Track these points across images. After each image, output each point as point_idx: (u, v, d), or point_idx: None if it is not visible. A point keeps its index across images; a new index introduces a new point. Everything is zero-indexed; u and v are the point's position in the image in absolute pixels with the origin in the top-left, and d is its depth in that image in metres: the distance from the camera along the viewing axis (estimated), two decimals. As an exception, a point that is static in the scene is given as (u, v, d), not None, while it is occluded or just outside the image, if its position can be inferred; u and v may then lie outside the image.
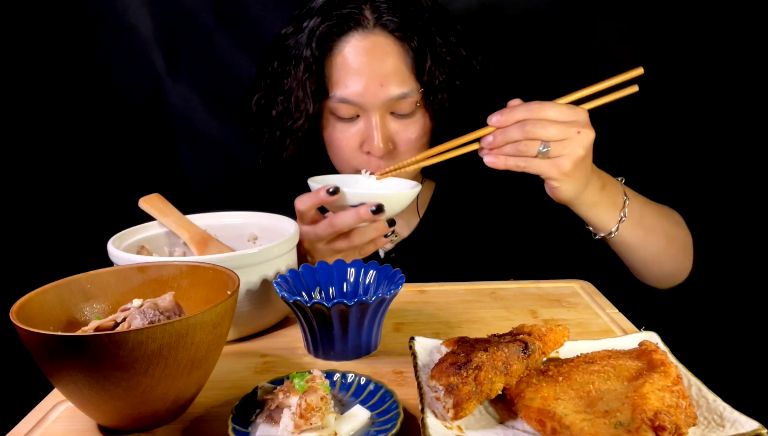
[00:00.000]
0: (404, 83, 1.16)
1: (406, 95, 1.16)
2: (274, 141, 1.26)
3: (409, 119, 1.19)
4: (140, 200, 1.07)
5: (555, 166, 0.98)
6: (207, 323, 0.65)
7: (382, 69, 1.14)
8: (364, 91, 1.14)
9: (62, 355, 0.61)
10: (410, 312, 1.00)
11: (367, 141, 1.18)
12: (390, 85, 1.14)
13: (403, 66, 1.16)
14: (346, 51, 1.15)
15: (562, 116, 0.96)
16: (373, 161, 1.19)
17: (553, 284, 1.10)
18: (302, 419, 0.63)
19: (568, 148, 0.97)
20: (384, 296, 0.81)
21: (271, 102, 1.24)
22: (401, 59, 1.16)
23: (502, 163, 1.00)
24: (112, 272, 0.79)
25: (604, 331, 0.92)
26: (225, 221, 1.09)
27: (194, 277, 0.79)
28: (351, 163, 1.22)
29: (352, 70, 1.15)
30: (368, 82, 1.14)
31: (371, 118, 1.16)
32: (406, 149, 1.20)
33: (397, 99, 1.15)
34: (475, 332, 0.85)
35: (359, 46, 1.15)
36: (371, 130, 1.16)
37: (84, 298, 0.76)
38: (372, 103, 1.15)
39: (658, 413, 0.58)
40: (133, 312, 0.71)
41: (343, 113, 1.18)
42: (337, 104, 1.17)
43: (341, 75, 1.16)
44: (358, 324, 0.82)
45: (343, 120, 1.19)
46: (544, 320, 0.96)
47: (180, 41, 1.51)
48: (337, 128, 1.21)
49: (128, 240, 0.98)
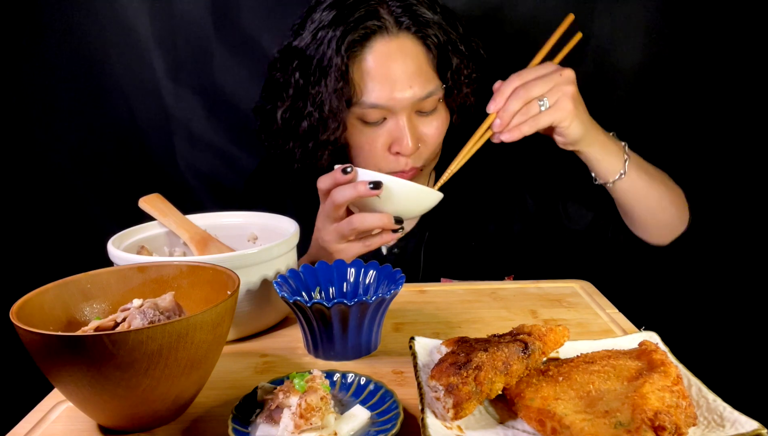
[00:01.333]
0: (429, 82, 1.18)
1: (432, 93, 1.18)
2: (307, 154, 1.24)
3: (432, 116, 1.22)
4: (140, 200, 1.07)
5: (558, 109, 1.07)
6: (207, 323, 0.65)
7: (408, 71, 1.16)
8: (393, 95, 1.15)
9: (62, 355, 0.61)
10: (410, 312, 1.00)
11: (397, 142, 1.19)
12: (416, 86, 1.16)
13: (426, 65, 1.18)
14: (372, 56, 1.16)
15: (540, 72, 1.08)
16: (401, 161, 1.21)
17: (553, 284, 1.10)
18: (302, 419, 0.63)
19: (560, 91, 1.07)
20: (384, 296, 0.80)
21: (299, 114, 1.21)
22: (424, 58, 1.18)
23: (518, 134, 1.08)
24: (112, 272, 0.79)
25: (604, 331, 0.92)
26: (225, 221, 1.09)
27: (194, 277, 0.79)
28: (380, 165, 1.22)
29: (381, 75, 1.15)
30: (397, 85, 1.15)
31: (400, 120, 1.17)
32: (430, 145, 1.23)
33: (423, 99, 1.17)
34: (475, 332, 0.85)
35: (384, 51, 1.16)
36: (401, 132, 1.18)
37: (84, 298, 0.76)
38: (401, 105, 1.16)
39: (658, 413, 0.58)
40: (133, 312, 0.71)
41: (372, 118, 1.18)
42: (366, 110, 1.17)
43: (369, 80, 1.16)
44: (358, 324, 0.82)
45: (371, 124, 1.19)
46: (544, 320, 0.96)
47: (178, 44, 1.51)
48: (364, 133, 1.21)
49: (128, 240, 0.98)
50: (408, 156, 1.20)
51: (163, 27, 1.50)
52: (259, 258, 0.88)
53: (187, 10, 1.49)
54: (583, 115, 1.10)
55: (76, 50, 1.49)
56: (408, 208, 1.07)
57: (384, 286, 0.88)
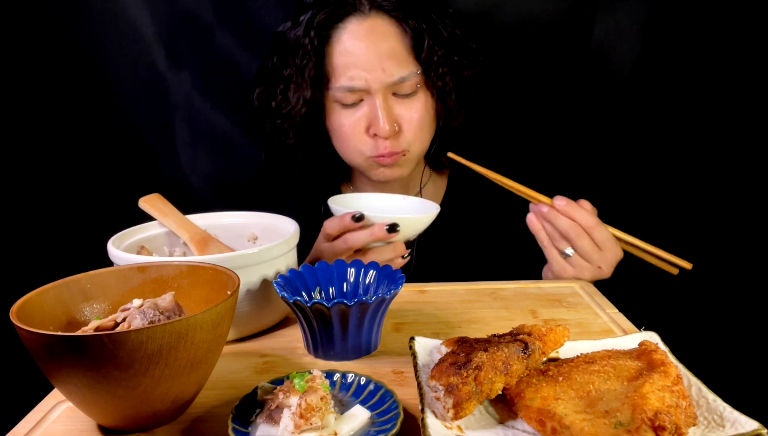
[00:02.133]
0: (404, 66, 1.19)
1: (406, 78, 1.19)
2: (275, 130, 1.27)
3: (411, 99, 1.22)
4: (140, 200, 1.07)
5: (562, 267, 1.12)
6: (207, 323, 0.65)
7: (381, 52, 1.17)
8: (366, 76, 1.16)
9: (62, 355, 0.61)
10: (410, 312, 1.00)
11: (373, 124, 1.20)
12: (391, 68, 1.17)
13: (402, 47, 1.19)
14: (345, 37, 1.18)
15: (605, 244, 1.09)
16: (380, 144, 1.21)
17: (553, 284, 1.10)
18: (302, 419, 0.63)
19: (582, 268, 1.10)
20: (384, 296, 0.80)
21: (271, 94, 1.25)
22: (399, 40, 1.19)
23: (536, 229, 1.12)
24: (112, 272, 0.79)
25: (604, 331, 0.92)
26: (225, 221, 1.09)
27: (194, 277, 0.79)
28: (359, 148, 1.24)
29: (353, 57, 1.17)
30: (370, 67, 1.16)
31: (375, 101, 1.18)
32: (410, 129, 1.22)
33: (398, 82, 1.18)
34: (475, 332, 0.85)
35: (357, 31, 1.17)
36: (376, 113, 1.18)
37: (84, 298, 0.76)
38: (375, 86, 1.17)
39: (658, 413, 0.58)
40: (133, 312, 0.71)
41: (347, 100, 1.20)
42: (341, 93, 1.19)
43: (342, 62, 1.18)
44: (358, 324, 0.82)
45: (347, 106, 1.21)
46: (544, 320, 0.96)
47: (180, 39, 1.51)
48: (341, 115, 1.22)
49: (128, 240, 0.98)
50: (385, 138, 1.20)
51: (164, 23, 1.50)
52: (259, 258, 0.88)
53: (188, 5, 1.49)
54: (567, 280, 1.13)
55: (75, 47, 1.50)
56: (411, 233, 1.10)
57: (384, 286, 0.88)
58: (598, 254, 1.08)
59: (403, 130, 1.22)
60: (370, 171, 1.28)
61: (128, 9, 1.48)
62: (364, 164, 1.27)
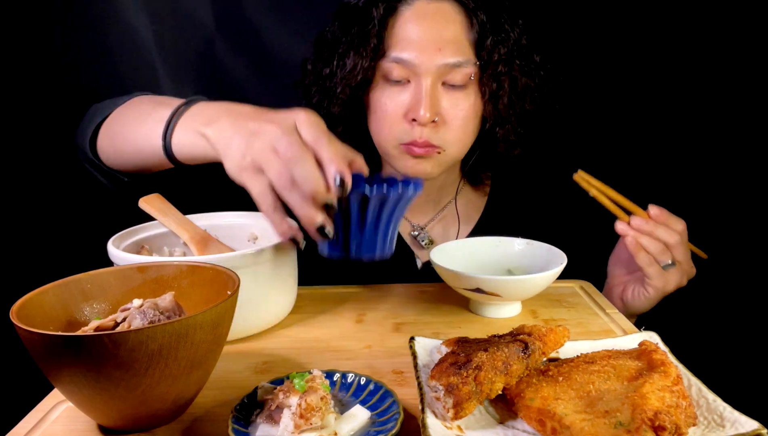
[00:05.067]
0: (462, 52, 1.14)
1: (462, 64, 1.13)
2: (324, 96, 1.22)
3: (460, 93, 1.16)
4: (140, 200, 1.07)
5: (664, 281, 1.09)
6: (207, 323, 0.65)
7: (442, 34, 1.13)
8: (420, 53, 1.12)
9: (62, 355, 0.61)
10: (410, 312, 1.00)
11: (414, 107, 1.13)
12: (447, 50, 1.12)
13: (464, 36, 1.15)
14: (410, 13, 1.14)
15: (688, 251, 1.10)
16: (416, 131, 1.15)
17: (553, 284, 1.10)
18: (302, 419, 0.63)
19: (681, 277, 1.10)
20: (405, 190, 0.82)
21: (327, 61, 1.21)
22: (463, 29, 1.15)
23: (634, 246, 1.06)
24: (112, 272, 0.79)
25: (604, 331, 0.92)
26: (225, 221, 1.09)
27: (194, 277, 0.79)
28: (393, 131, 1.17)
29: (413, 32, 1.13)
30: (426, 44, 1.12)
31: (422, 84, 1.13)
32: (452, 125, 1.16)
33: (452, 66, 1.13)
34: (475, 332, 0.85)
35: (424, 10, 1.14)
36: (420, 96, 1.13)
37: (84, 298, 0.76)
38: (426, 66, 1.12)
39: (658, 413, 0.58)
40: (133, 312, 0.71)
41: (395, 75, 1.15)
42: (390, 64, 1.14)
43: (401, 35, 1.14)
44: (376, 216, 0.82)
45: (393, 84, 1.16)
46: (544, 320, 0.96)
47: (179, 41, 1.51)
48: (385, 92, 1.17)
49: (128, 240, 0.98)
50: (423, 125, 1.13)
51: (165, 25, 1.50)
52: (260, 258, 0.88)
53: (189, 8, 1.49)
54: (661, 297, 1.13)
55: (76, 47, 1.49)
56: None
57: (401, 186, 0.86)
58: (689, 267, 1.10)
59: (445, 124, 1.16)
60: (398, 162, 1.20)
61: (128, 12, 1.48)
62: (393, 151, 1.19)
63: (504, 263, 1.05)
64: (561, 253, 0.99)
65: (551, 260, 0.99)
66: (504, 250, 1.07)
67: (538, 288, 0.96)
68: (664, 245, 1.06)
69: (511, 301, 0.98)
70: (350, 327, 0.96)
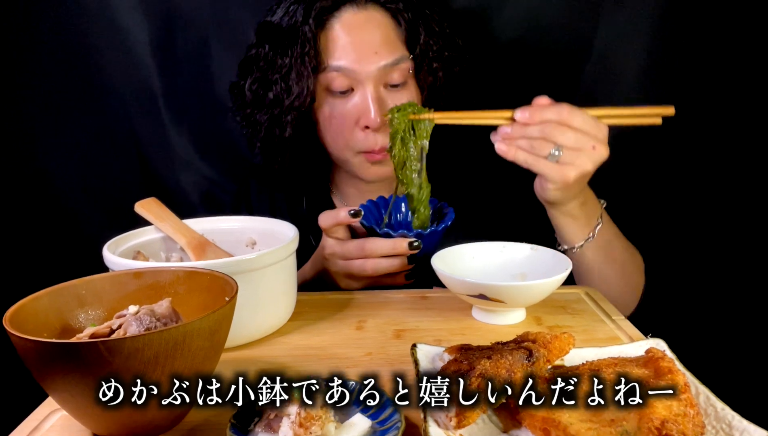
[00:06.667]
0: (396, 50, 1.22)
1: (399, 61, 1.21)
2: (273, 122, 1.26)
3: (401, 90, 1.23)
4: (136, 205, 1.07)
5: (560, 172, 1.01)
6: (204, 330, 0.65)
7: (374, 39, 1.20)
8: (358, 59, 1.18)
9: (57, 363, 0.61)
10: (412, 318, 1.00)
11: (364, 114, 1.20)
12: (383, 52, 1.19)
13: (395, 36, 1.23)
14: (340, 25, 1.20)
15: (585, 126, 1.00)
16: (370, 138, 1.21)
17: (558, 290, 1.09)
18: (302, 429, 0.63)
19: (579, 159, 1.01)
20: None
21: (267, 84, 1.24)
22: (394, 30, 1.23)
23: (512, 154, 1.02)
24: (108, 277, 0.79)
25: (610, 338, 0.91)
26: (223, 226, 1.09)
27: (191, 283, 0.79)
28: (348, 141, 1.24)
29: (347, 41, 1.19)
30: (362, 51, 1.19)
31: (366, 90, 1.20)
32: None
33: (390, 66, 1.20)
34: (478, 339, 0.85)
35: (353, 21, 1.20)
36: (366, 103, 1.19)
37: (79, 304, 0.76)
38: (366, 71, 1.19)
39: (665, 421, 0.58)
40: (129, 319, 0.71)
41: (337, 86, 1.20)
42: (332, 75, 1.20)
43: (335, 45, 1.20)
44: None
45: (337, 96, 1.22)
46: (549, 327, 0.96)
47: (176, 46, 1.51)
48: (331, 105, 1.23)
49: (124, 245, 0.98)
50: (376, 130, 1.20)
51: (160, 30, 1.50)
52: (258, 263, 0.88)
53: (184, 12, 1.49)
54: (574, 190, 1.05)
55: (71, 53, 1.50)
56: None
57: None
58: (586, 138, 1.00)
59: None
60: (359, 169, 1.27)
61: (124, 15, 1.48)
62: (353, 160, 1.26)
63: (507, 269, 1.05)
64: (566, 258, 0.99)
65: (555, 266, 0.98)
66: (507, 256, 1.07)
67: (542, 294, 0.95)
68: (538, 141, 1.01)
69: (515, 307, 0.98)
70: (350, 334, 0.96)
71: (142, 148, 1.58)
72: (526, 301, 0.97)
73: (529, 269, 1.03)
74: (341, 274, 1.12)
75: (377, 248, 1.07)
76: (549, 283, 0.93)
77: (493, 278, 1.03)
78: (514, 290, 0.93)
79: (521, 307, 0.99)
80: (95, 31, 1.49)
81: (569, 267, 0.95)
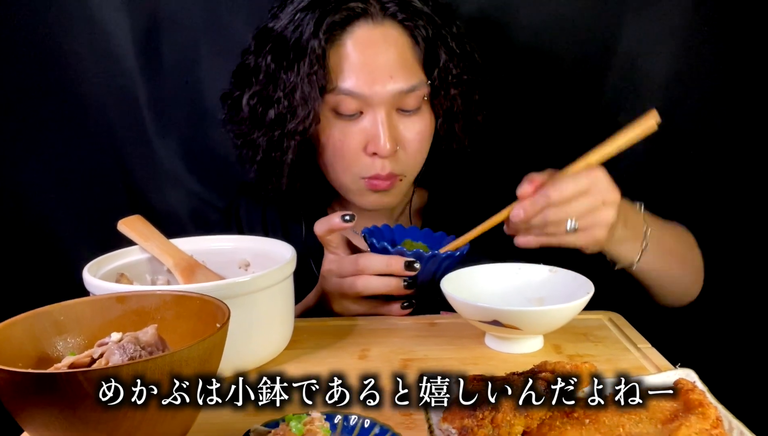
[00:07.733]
0: (414, 75, 1.18)
1: (415, 88, 1.18)
2: (273, 145, 1.23)
3: (414, 116, 1.21)
4: (119, 223, 1.07)
5: (587, 237, 1.03)
6: (194, 359, 0.64)
7: (390, 61, 1.16)
8: (371, 82, 1.15)
9: (32, 395, 0.61)
10: (419, 347, 1.00)
11: (373, 140, 1.17)
12: (399, 77, 1.16)
13: (411, 57, 1.19)
14: (352, 42, 1.17)
15: (581, 187, 1.00)
16: (377, 164, 1.19)
17: (578, 316, 1.09)
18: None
19: (598, 217, 1.02)
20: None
21: (267, 101, 1.21)
22: (410, 51, 1.19)
23: (535, 243, 1.04)
24: (88, 302, 0.79)
25: (635, 368, 0.91)
26: (213, 246, 1.09)
27: (179, 308, 0.79)
28: (352, 167, 1.21)
29: (360, 62, 1.16)
30: (377, 73, 1.15)
31: (377, 115, 1.17)
32: (411, 151, 1.22)
33: (406, 92, 1.17)
34: (492, 369, 0.85)
35: (366, 37, 1.17)
36: (377, 128, 1.16)
37: (57, 331, 0.76)
38: (379, 96, 1.16)
39: (697, 459, 0.57)
40: (111, 347, 0.71)
41: (345, 109, 1.18)
42: (340, 97, 1.17)
43: (347, 67, 1.16)
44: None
45: (345, 118, 1.19)
46: (569, 355, 0.96)
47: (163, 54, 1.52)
48: (337, 128, 1.20)
49: (106, 267, 0.98)
50: (385, 157, 1.18)
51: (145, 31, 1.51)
52: (252, 287, 0.88)
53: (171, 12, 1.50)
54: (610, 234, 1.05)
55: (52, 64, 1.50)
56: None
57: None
58: (591, 198, 1.00)
59: (404, 151, 1.21)
60: (359, 197, 1.26)
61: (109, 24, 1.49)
62: (352, 187, 1.24)
63: (524, 293, 1.05)
64: (587, 281, 0.99)
65: (576, 290, 0.98)
66: (524, 278, 1.07)
67: (562, 320, 0.95)
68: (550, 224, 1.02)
69: (532, 334, 0.97)
70: (352, 363, 0.96)
71: (125, 161, 1.58)
72: (543, 327, 0.96)
73: (547, 292, 1.03)
74: (336, 293, 1.12)
75: (370, 264, 1.07)
76: (569, 308, 0.93)
77: (507, 302, 1.03)
78: (530, 316, 0.93)
79: (539, 334, 0.99)
80: (74, 33, 1.50)
81: (591, 291, 0.95)
